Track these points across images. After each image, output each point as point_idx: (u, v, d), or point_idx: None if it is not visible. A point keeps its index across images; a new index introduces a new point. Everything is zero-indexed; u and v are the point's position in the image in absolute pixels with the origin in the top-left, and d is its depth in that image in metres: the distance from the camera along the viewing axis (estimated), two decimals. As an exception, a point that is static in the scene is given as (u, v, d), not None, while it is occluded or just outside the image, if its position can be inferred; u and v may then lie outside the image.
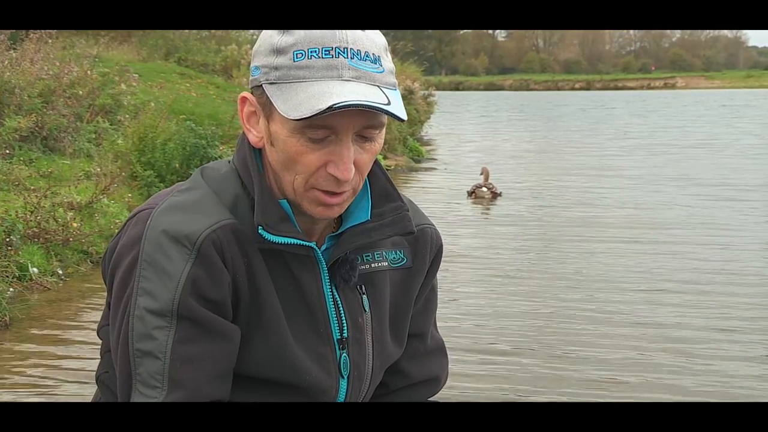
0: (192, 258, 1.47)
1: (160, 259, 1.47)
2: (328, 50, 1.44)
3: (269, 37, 1.50)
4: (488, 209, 11.70)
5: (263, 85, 1.49)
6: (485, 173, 12.65)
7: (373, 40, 1.48)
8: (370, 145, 1.50)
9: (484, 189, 12.42)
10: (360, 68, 1.44)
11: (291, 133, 1.47)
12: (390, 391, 1.77)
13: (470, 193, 12.55)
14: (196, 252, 1.47)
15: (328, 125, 1.45)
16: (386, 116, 1.48)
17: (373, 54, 1.46)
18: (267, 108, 1.50)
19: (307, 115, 1.40)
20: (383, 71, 1.47)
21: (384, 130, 1.53)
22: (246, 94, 1.56)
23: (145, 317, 1.46)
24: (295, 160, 1.48)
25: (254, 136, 1.56)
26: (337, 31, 1.45)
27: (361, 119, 1.45)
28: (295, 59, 1.45)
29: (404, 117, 1.45)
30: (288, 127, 1.47)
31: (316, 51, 1.44)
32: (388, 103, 1.43)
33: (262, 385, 1.56)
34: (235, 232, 1.51)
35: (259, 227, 1.50)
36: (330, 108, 1.38)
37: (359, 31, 1.47)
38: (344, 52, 1.44)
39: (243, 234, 1.52)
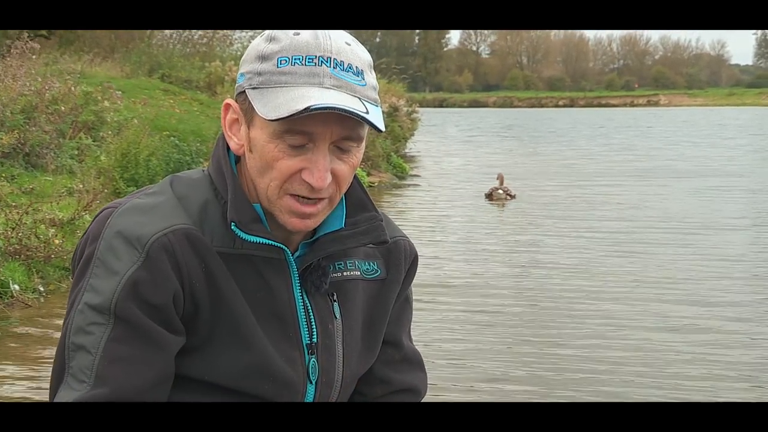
0: (140, 260, 1.47)
1: (110, 258, 1.48)
2: (312, 58, 1.46)
3: (256, 45, 1.53)
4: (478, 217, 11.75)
5: (246, 91, 1.51)
6: (500, 178, 13.98)
7: (357, 54, 1.50)
8: (347, 157, 1.51)
9: (501, 191, 13.79)
10: (341, 78, 1.46)
11: (270, 138, 1.48)
12: (370, 400, 1.76)
13: (488, 196, 13.91)
14: (144, 254, 1.47)
15: (306, 131, 1.46)
16: (364, 130, 1.50)
17: (356, 67, 1.49)
18: (249, 114, 1.51)
19: (284, 116, 1.42)
20: (365, 85, 1.49)
21: (363, 145, 1.54)
22: (230, 101, 1.57)
23: (86, 312, 1.47)
24: (272, 165, 1.49)
25: (235, 144, 1.57)
26: (322, 41, 1.47)
27: (339, 128, 1.47)
28: (279, 65, 1.47)
29: (382, 128, 1.47)
30: (267, 132, 1.48)
31: (299, 58, 1.46)
32: (367, 113, 1.45)
33: (229, 393, 1.54)
34: (190, 237, 1.50)
35: (233, 224, 1.50)
36: (307, 109, 1.40)
37: (344, 44, 1.49)
38: (327, 62, 1.46)
39: (198, 239, 1.51)
